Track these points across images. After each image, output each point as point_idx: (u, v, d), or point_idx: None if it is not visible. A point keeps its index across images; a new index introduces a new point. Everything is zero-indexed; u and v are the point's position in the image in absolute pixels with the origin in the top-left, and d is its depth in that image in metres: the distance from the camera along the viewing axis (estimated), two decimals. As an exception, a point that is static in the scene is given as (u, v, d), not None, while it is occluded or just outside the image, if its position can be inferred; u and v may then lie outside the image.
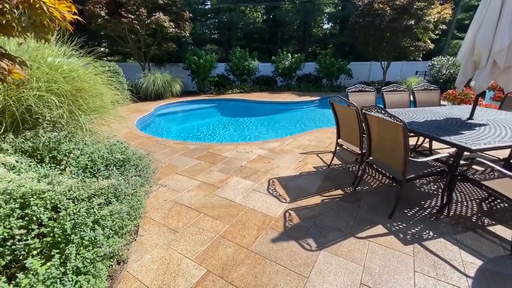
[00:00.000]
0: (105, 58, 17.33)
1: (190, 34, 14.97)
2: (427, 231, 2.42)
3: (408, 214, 2.68)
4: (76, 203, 1.82)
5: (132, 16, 9.23)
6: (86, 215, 1.73)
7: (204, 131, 6.84)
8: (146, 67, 11.50)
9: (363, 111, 2.79)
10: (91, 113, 3.16)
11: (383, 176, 3.09)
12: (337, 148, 3.78)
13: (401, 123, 2.26)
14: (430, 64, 13.11)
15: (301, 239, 2.28)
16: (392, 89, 4.64)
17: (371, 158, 2.99)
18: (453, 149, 3.65)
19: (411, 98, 4.72)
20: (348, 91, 4.40)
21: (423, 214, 2.69)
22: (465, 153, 2.55)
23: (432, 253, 2.13)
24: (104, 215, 1.79)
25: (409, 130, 2.43)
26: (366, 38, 12.60)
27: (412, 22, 10.79)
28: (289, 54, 13.03)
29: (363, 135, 3.17)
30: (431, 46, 12.93)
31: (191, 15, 11.59)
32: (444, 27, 12.58)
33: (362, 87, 4.53)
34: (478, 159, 2.51)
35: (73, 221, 1.65)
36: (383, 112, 2.46)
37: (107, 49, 19.78)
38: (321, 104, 10.50)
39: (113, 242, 1.72)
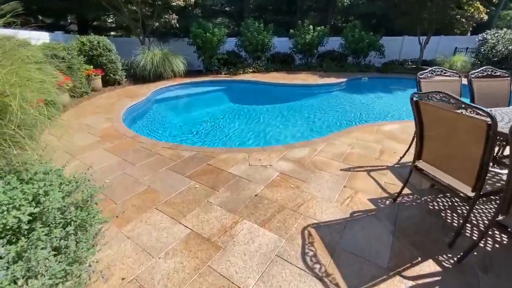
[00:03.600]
0: (108, 34, 15.83)
1: (198, 5, 13.14)
2: None
3: None
4: None
5: (124, -21, 7.62)
6: None
7: (208, 124, 5.47)
8: (146, 42, 10.00)
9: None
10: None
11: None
12: (402, 168, 2.35)
13: None
14: (481, 38, 10.88)
15: None
16: (485, 73, 3.04)
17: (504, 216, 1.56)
18: None
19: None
20: (421, 76, 2.89)
21: None
22: None
23: None
24: None
25: None
26: (405, 5, 10.49)
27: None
28: (311, 27, 11.09)
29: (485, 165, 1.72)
30: (485, 16, 10.68)
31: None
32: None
33: (441, 71, 2.99)
34: None
35: None
36: None
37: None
38: (349, 88, 8.81)
39: None
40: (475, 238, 2.01)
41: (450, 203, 2.42)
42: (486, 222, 2.17)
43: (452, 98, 1.69)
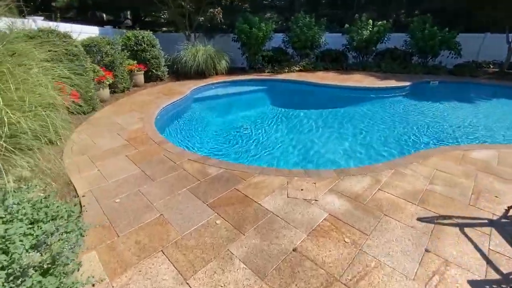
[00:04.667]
0: (159, 29, 16.37)
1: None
2: None
3: None
4: None
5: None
6: None
7: (243, 131, 4.90)
8: (191, 38, 9.86)
9: None
10: None
11: None
12: None
13: None
14: None
15: None
16: None
17: None
18: None
19: None
20: None
21: None
22: None
23: None
24: None
25: None
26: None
27: None
28: (370, 21, 9.78)
29: None
30: None
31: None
32: None
33: None
34: None
35: None
36: None
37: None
38: (414, 93, 7.42)
39: None
40: None
41: None
42: None
43: None
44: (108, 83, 5.55)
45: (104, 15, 16.29)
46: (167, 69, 7.96)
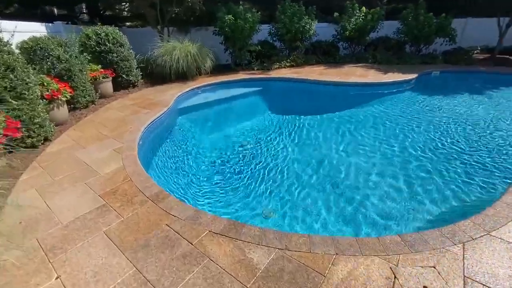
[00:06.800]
0: (123, 24, 14.28)
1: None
2: None
3: None
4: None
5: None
6: None
7: (248, 151, 3.84)
8: (164, 33, 8.36)
9: None
10: None
11: None
12: None
13: None
14: None
15: None
16: None
17: None
18: None
19: None
20: None
21: None
22: None
23: None
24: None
25: None
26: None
27: None
28: (364, 8, 9.00)
29: None
30: None
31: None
32: None
33: None
34: None
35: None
36: None
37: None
38: (422, 86, 6.84)
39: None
40: None
41: None
42: None
43: None
44: (64, 99, 4.10)
45: (55, 10, 13.79)
46: (141, 73, 6.50)
